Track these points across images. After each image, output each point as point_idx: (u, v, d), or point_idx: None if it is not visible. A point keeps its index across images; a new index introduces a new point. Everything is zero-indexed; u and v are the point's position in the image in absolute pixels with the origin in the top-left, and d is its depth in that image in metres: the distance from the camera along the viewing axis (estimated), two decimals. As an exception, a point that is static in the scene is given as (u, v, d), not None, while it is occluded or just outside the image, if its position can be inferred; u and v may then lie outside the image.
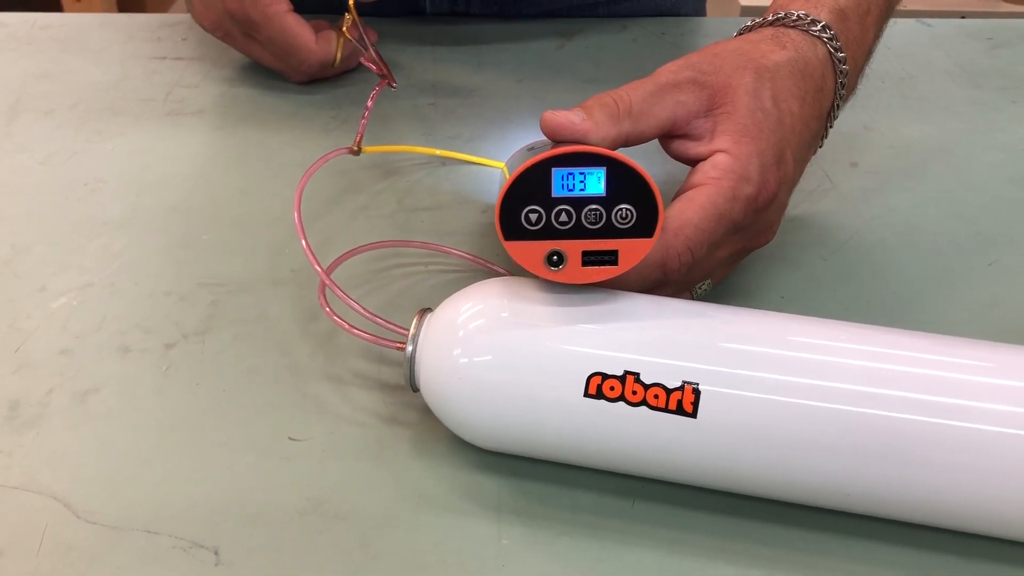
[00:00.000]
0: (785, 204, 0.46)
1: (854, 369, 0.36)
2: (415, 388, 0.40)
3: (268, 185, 0.58)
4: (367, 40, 0.61)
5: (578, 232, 0.37)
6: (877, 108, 0.67)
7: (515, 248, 0.37)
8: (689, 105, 0.44)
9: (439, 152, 0.60)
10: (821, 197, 0.58)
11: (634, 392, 0.35)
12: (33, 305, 0.48)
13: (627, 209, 0.36)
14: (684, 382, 0.35)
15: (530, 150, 0.47)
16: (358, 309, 0.42)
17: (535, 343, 0.37)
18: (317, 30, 0.64)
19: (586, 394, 0.36)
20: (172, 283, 0.50)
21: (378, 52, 0.60)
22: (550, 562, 0.37)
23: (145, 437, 0.41)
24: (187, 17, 0.77)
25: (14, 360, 0.45)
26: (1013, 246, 0.54)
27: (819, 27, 0.47)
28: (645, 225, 0.37)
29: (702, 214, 0.41)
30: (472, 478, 0.40)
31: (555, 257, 0.37)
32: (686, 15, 0.81)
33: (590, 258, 0.37)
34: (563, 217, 0.37)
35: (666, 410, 0.35)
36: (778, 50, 0.46)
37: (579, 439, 0.37)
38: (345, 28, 0.63)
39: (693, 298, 0.45)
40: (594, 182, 0.36)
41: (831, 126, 0.49)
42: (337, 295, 0.42)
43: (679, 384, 0.35)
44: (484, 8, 0.77)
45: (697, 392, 0.35)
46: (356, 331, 0.42)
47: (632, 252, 0.37)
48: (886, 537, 0.38)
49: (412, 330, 0.39)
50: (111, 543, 0.37)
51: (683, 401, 0.35)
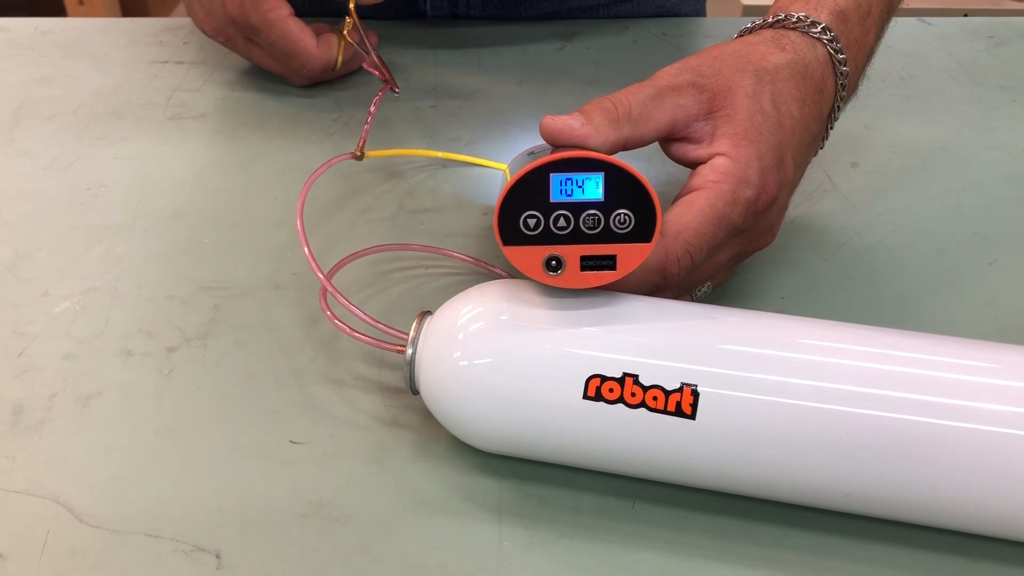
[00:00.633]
0: (785, 206, 0.46)
1: (853, 370, 0.36)
2: (415, 391, 0.40)
3: (270, 189, 0.58)
4: (368, 44, 0.61)
5: (576, 237, 0.37)
6: (878, 108, 0.67)
7: (514, 253, 0.37)
8: (689, 108, 0.44)
9: (443, 155, 0.60)
10: (822, 198, 0.58)
11: (633, 394, 0.36)
12: (36, 310, 0.48)
13: (625, 214, 0.36)
14: (683, 384, 0.35)
15: (530, 154, 0.47)
16: (359, 314, 0.42)
17: (534, 346, 0.37)
18: (318, 34, 0.64)
19: (585, 396, 0.36)
20: (174, 287, 0.50)
21: (380, 57, 0.60)
22: (551, 564, 0.37)
23: (147, 441, 0.42)
24: (188, 21, 0.78)
25: (17, 365, 0.45)
26: (1013, 246, 0.54)
27: (819, 29, 0.47)
28: (643, 230, 0.37)
29: (702, 218, 0.41)
30: (473, 480, 0.40)
31: (554, 262, 0.37)
32: (686, 16, 0.81)
33: (589, 263, 0.37)
34: (561, 222, 0.37)
35: (665, 412, 0.35)
36: (778, 52, 0.46)
37: (579, 441, 0.37)
38: (346, 32, 0.63)
39: (693, 300, 0.45)
40: (592, 187, 0.36)
41: (832, 128, 0.49)
42: (339, 301, 0.42)
43: (678, 386, 0.35)
44: (484, 10, 0.77)
45: (696, 394, 0.35)
46: (357, 334, 0.42)
47: (631, 257, 0.37)
48: (885, 537, 0.38)
49: (412, 333, 0.39)
50: (113, 547, 0.37)
51: (682, 403, 0.35)
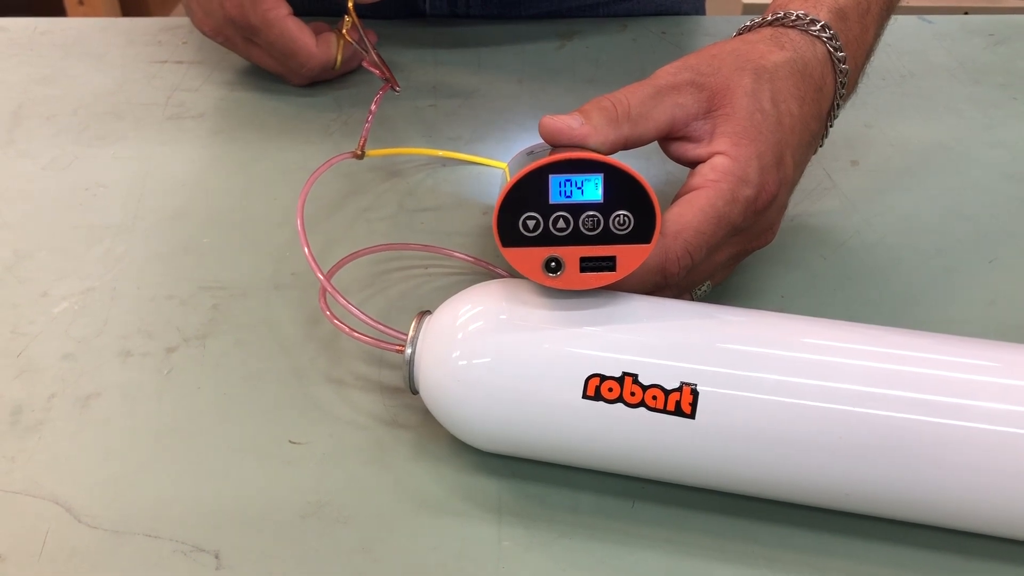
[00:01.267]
0: (785, 205, 0.46)
1: (853, 369, 0.36)
2: (415, 391, 0.40)
3: (269, 188, 0.58)
4: (367, 42, 0.61)
5: (576, 238, 0.37)
6: (878, 106, 0.67)
7: (513, 255, 0.37)
8: (688, 107, 0.43)
9: (443, 154, 0.60)
10: (821, 196, 0.58)
11: (632, 393, 0.36)
12: (35, 310, 0.48)
13: (625, 215, 0.36)
14: (682, 383, 0.35)
15: (530, 154, 0.47)
16: (358, 314, 0.42)
17: (533, 345, 0.37)
18: (317, 33, 0.64)
19: (585, 396, 0.36)
20: (173, 287, 0.50)
21: (380, 55, 0.60)
22: (550, 563, 0.37)
23: (146, 441, 0.42)
24: (187, 21, 0.77)
25: (16, 365, 0.45)
26: (1013, 243, 0.54)
27: (818, 27, 0.47)
28: (643, 231, 0.37)
29: (701, 217, 0.41)
30: (472, 480, 0.40)
31: (553, 264, 0.37)
32: (686, 14, 0.81)
33: (588, 264, 0.37)
34: (561, 223, 0.36)
35: (664, 411, 0.35)
36: (777, 50, 0.46)
37: (578, 441, 0.37)
38: (345, 31, 0.63)
39: (693, 299, 0.45)
40: (591, 188, 0.36)
41: (831, 126, 0.49)
42: (338, 300, 0.42)
43: (677, 385, 0.35)
44: (483, 9, 0.77)
45: (695, 393, 0.35)
46: (356, 334, 0.42)
47: (630, 258, 0.37)
48: (885, 536, 0.38)
49: (411, 333, 0.39)
50: (113, 547, 0.37)
51: (681, 402, 0.35)
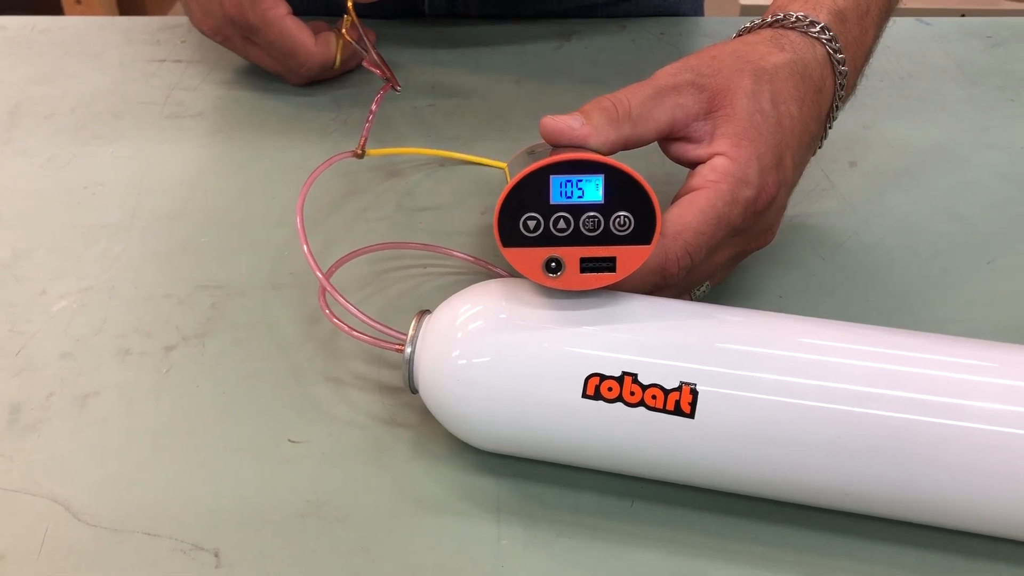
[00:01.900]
0: (784, 206, 0.46)
1: (852, 369, 0.36)
2: (414, 390, 0.40)
3: (268, 188, 0.58)
4: (367, 42, 0.61)
5: (576, 239, 0.37)
6: (876, 107, 0.67)
7: (513, 255, 0.37)
8: (688, 108, 0.44)
9: (443, 153, 0.60)
10: (820, 197, 0.58)
11: (632, 393, 0.36)
12: (33, 309, 0.48)
13: (625, 216, 0.36)
14: (682, 383, 0.35)
15: (530, 153, 0.47)
16: (357, 314, 0.42)
17: (533, 344, 0.37)
18: (316, 32, 0.64)
19: (584, 395, 0.36)
20: (172, 286, 0.50)
21: (380, 55, 0.60)
22: (549, 563, 0.37)
23: (145, 440, 0.42)
24: (186, 20, 0.77)
25: (15, 364, 0.45)
26: (1011, 245, 0.54)
27: (818, 28, 0.47)
28: (643, 232, 0.37)
29: (701, 218, 0.41)
30: (471, 479, 0.40)
31: (553, 264, 0.37)
32: (685, 15, 0.81)
33: (588, 265, 0.37)
34: (561, 224, 0.36)
35: (664, 411, 0.35)
36: (777, 52, 0.46)
37: (577, 440, 0.37)
38: (344, 30, 0.63)
39: (692, 299, 0.45)
40: (592, 189, 0.36)
41: (830, 127, 0.49)
42: (337, 300, 0.42)
43: (677, 385, 0.35)
44: (482, 9, 0.77)
45: (695, 393, 0.35)
46: (355, 333, 0.42)
47: (630, 259, 0.37)
48: (885, 536, 0.38)
49: (411, 332, 0.39)
50: (112, 546, 0.37)
51: (681, 402, 0.35)
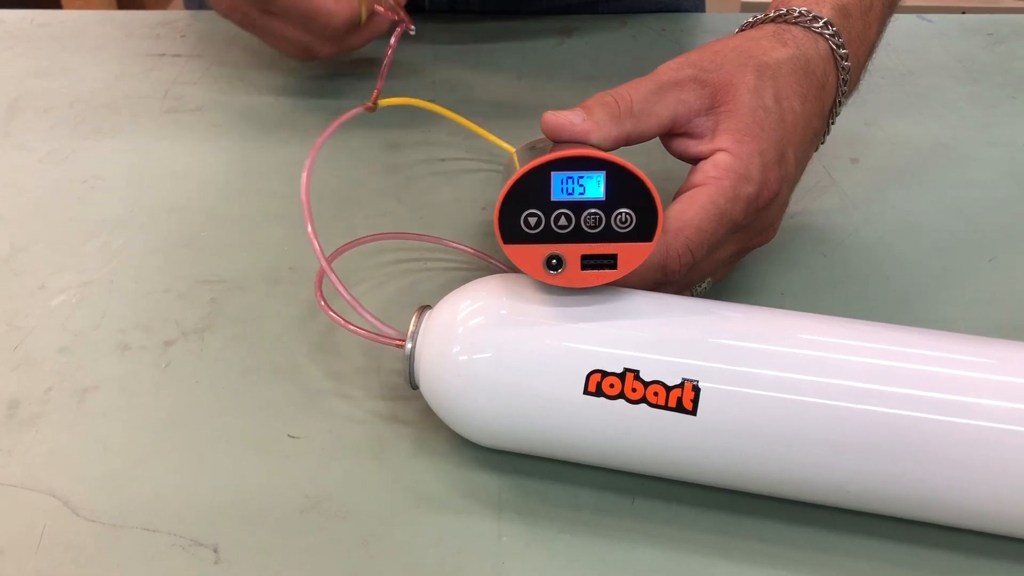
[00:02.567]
0: (786, 203, 0.46)
1: (854, 365, 0.36)
2: (414, 386, 0.40)
3: (267, 182, 0.57)
4: None
5: (577, 236, 0.36)
6: (878, 104, 0.67)
7: (514, 252, 0.37)
8: (690, 103, 0.43)
9: (456, 117, 0.57)
10: (821, 194, 0.58)
11: (634, 389, 0.35)
12: (32, 303, 0.48)
13: (626, 213, 0.36)
14: (684, 379, 0.35)
15: (532, 149, 0.47)
16: (358, 309, 0.42)
17: (534, 340, 0.37)
18: None
19: (586, 391, 0.36)
20: (171, 281, 0.50)
21: None
22: (550, 560, 0.37)
23: (144, 435, 0.41)
24: (185, 14, 0.77)
25: (13, 358, 0.45)
26: (1012, 242, 0.54)
27: (821, 23, 0.47)
28: (645, 229, 0.36)
29: (703, 214, 0.41)
30: (472, 476, 0.40)
31: (554, 261, 0.37)
32: (686, 11, 0.81)
33: (589, 262, 0.37)
34: (562, 221, 0.36)
35: (666, 407, 0.35)
36: (779, 47, 0.46)
37: (579, 437, 0.37)
38: None
39: (693, 296, 0.45)
40: (593, 186, 0.36)
41: (833, 123, 0.49)
42: (337, 289, 0.42)
43: (679, 381, 0.35)
44: (483, 5, 0.77)
45: (697, 389, 0.35)
46: (355, 328, 0.42)
47: (631, 256, 0.37)
48: (886, 533, 0.38)
49: (411, 327, 0.39)
50: (110, 541, 0.37)
51: (683, 398, 0.35)
